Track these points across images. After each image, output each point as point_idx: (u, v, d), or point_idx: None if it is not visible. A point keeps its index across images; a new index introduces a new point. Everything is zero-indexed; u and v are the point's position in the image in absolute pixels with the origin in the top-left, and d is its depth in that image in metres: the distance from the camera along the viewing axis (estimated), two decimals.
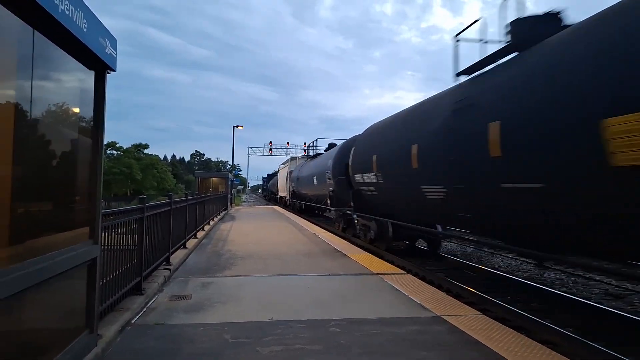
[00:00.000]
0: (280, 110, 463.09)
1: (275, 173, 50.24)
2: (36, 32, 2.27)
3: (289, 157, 36.83)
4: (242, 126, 35.91)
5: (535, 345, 3.60)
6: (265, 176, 74.55)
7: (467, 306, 5.06)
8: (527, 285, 7.89)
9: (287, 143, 57.13)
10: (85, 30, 2.64)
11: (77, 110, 2.94)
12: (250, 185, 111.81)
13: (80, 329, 3.04)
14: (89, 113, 3.09)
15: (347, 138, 15.92)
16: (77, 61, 2.83)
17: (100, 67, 3.13)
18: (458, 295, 6.87)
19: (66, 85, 2.89)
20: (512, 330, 4.08)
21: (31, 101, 2.28)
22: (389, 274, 6.64)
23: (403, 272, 7.16)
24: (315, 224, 16.91)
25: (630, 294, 7.41)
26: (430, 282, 7.48)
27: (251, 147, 57.61)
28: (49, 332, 2.69)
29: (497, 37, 6.24)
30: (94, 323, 3.18)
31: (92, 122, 3.12)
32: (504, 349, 3.50)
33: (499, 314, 6.00)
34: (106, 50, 3.04)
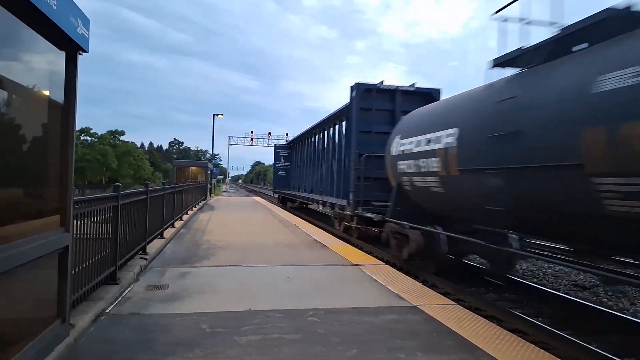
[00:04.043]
0: (262, 100, 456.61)
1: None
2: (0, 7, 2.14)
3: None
4: (222, 115, 33.68)
5: (507, 334, 3.72)
6: (284, 142, 33.12)
7: (442, 296, 5.19)
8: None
9: (269, 133, 56.59)
10: (54, 7, 2.51)
11: (47, 93, 2.81)
12: (230, 175, 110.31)
13: (52, 319, 2.96)
14: (60, 96, 2.97)
15: None
16: (46, 41, 2.70)
17: (71, 47, 3.00)
18: (433, 286, 7.03)
19: (36, 66, 2.76)
20: (484, 319, 4.21)
21: None
22: (367, 264, 6.72)
23: (381, 262, 7.26)
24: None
25: (596, 286, 7.76)
26: (407, 273, 7.61)
27: (232, 137, 56.69)
28: (19, 321, 2.61)
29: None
30: (65, 312, 3.10)
31: (63, 106, 3.00)
32: (477, 337, 3.60)
33: (472, 304, 6.18)
34: (78, 30, 2.91)
